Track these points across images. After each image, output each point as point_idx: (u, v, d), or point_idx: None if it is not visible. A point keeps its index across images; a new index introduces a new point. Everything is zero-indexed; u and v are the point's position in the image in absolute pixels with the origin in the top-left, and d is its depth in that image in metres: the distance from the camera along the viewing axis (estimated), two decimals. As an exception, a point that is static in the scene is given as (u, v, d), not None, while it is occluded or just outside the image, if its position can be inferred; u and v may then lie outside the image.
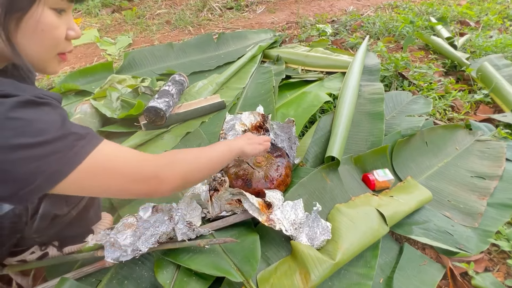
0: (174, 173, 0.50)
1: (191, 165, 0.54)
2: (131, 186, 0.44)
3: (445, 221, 0.80)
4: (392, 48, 1.70)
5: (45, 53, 0.42)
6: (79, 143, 0.39)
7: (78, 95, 1.29)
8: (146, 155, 0.48)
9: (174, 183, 0.49)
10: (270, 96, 1.18)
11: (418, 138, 1.01)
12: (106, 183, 0.42)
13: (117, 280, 0.62)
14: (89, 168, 0.40)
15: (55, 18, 0.40)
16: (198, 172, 0.55)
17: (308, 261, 0.62)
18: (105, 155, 0.42)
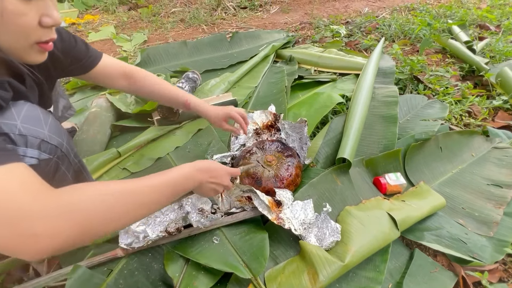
0: (60, 224, 0.34)
1: (94, 209, 0.37)
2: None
3: (459, 228, 0.78)
4: (408, 51, 1.67)
5: (16, 43, 0.40)
6: None
7: (94, 89, 1.32)
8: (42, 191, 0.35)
9: (57, 240, 0.33)
10: (282, 96, 1.18)
11: (433, 143, 0.99)
12: None
13: (128, 271, 0.63)
14: None
15: (19, 4, 0.37)
16: (105, 220, 0.38)
17: (316, 262, 0.62)
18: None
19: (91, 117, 1.01)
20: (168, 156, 0.96)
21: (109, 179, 0.87)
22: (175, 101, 0.82)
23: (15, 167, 0.35)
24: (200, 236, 0.68)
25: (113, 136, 1.06)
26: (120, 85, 0.78)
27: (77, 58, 0.67)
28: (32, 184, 0.35)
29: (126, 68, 0.77)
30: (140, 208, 0.42)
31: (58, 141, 0.52)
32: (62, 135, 0.54)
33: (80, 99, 1.26)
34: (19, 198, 0.33)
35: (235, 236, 0.69)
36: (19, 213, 0.32)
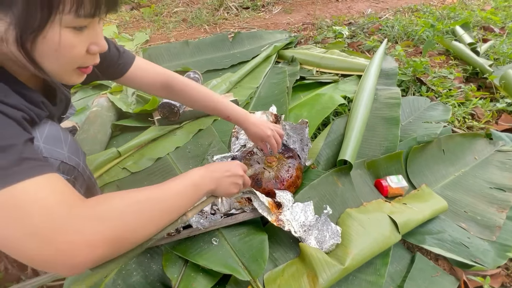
0: (98, 234, 0.34)
1: (128, 219, 0.37)
2: (29, 242, 0.31)
3: (461, 232, 0.78)
4: (411, 52, 1.66)
5: (61, 69, 0.41)
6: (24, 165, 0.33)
7: (95, 88, 1.32)
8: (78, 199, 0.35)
9: (95, 251, 0.33)
10: (283, 97, 1.17)
11: (435, 145, 0.98)
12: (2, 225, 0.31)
13: (126, 271, 0.63)
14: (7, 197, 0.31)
15: (71, 37, 0.38)
16: (139, 229, 0.38)
17: (316, 264, 0.61)
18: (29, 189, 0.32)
19: (92, 117, 1.01)
20: (168, 156, 0.96)
21: (109, 178, 0.87)
22: (217, 113, 0.77)
23: (50, 178, 0.35)
24: (199, 237, 0.68)
25: (113, 135, 1.06)
26: (157, 93, 0.75)
27: (108, 65, 0.64)
28: (66, 195, 0.35)
29: (163, 77, 0.72)
30: (167, 213, 0.43)
31: (76, 162, 0.53)
32: (79, 155, 0.55)
33: (81, 98, 1.26)
34: (56, 210, 0.33)
35: (234, 237, 0.68)
36: (55, 225, 0.32)
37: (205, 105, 0.76)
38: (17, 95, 0.40)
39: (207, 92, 0.76)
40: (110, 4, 0.39)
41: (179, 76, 0.74)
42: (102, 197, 0.38)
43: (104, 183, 0.85)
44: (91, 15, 0.37)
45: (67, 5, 0.35)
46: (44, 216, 0.32)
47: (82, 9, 0.36)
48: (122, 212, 0.37)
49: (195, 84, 0.76)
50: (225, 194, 0.57)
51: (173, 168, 0.91)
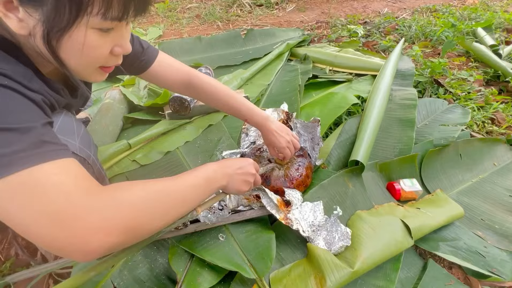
0: (113, 220, 0.34)
1: (143, 208, 0.37)
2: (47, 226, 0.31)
3: (477, 241, 0.74)
4: (428, 53, 1.60)
5: (84, 68, 0.42)
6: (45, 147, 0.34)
7: (109, 81, 1.34)
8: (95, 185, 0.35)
9: (109, 237, 0.33)
10: (295, 95, 1.15)
11: (452, 149, 0.95)
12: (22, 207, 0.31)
13: (133, 263, 0.63)
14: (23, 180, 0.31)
15: (96, 38, 0.38)
16: (153, 219, 0.38)
17: (324, 266, 0.59)
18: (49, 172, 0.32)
19: (104, 108, 1.02)
20: (178, 150, 0.96)
21: (119, 170, 0.88)
22: (235, 114, 0.75)
23: (69, 163, 0.35)
24: (206, 233, 0.68)
25: (124, 128, 1.07)
26: (178, 90, 0.75)
27: (133, 59, 0.64)
28: (85, 181, 0.35)
29: (185, 74, 0.72)
30: (181, 205, 0.43)
31: (87, 154, 0.53)
32: (91, 147, 0.55)
33: (94, 91, 1.28)
34: (74, 195, 0.33)
35: (241, 234, 0.67)
36: (72, 209, 0.32)
37: (225, 105, 0.74)
38: (40, 80, 0.41)
39: (228, 91, 0.74)
40: (139, 9, 0.39)
41: (201, 74, 0.74)
42: (119, 185, 0.38)
43: (114, 174, 0.86)
44: (118, 19, 0.38)
45: (95, 7, 0.35)
46: (62, 200, 0.32)
47: (110, 13, 0.36)
48: (139, 201, 0.37)
49: (217, 82, 0.75)
50: (235, 191, 0.57)
51: (182, 162, 0.91)
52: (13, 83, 0.35)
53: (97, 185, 0.36)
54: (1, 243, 0.72)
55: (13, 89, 0.35)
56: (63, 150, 0.36)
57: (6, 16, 0.35)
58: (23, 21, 0.35)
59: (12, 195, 0.31)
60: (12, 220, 0.31)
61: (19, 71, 0.37)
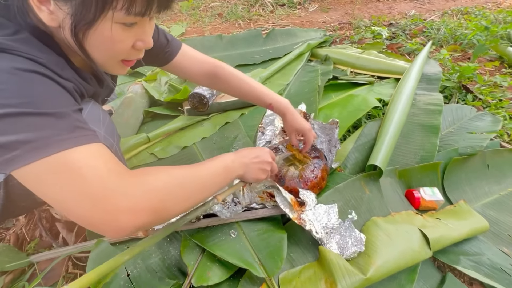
0: (142, 201, 0.36)
1: (169, 191, 0.40)
2: (82, 203, 0.34)
3: (502, 257, 0.70)
4: (457, 57, 1.53)
5: (106, 60, 0.44)
6: (78, 132, 0.36)
7: (132, 76, 1.39)
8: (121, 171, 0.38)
9: (138, 216, 0.36)
10: (314, 95, 1.14)
11: (479, 159, 0.89)
12: (60, 186, 0.34)
13: (146, 252, 0.65)
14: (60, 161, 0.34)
15: (120, 32, 0.40)
16: (177, 202, 0.41)
17: (336, 271, 0.58)
18: (83, 155, 0.35)
19: (126, 102, 1.06)
20: (194, 145, 0.97)
21: (137, 162, 0.90)
22: (259, 102, 0.76)
23: (100, 148, 0.38)
24: (218, 228, 0.68)
25: (144, 121, 1.10)
26: (201, 82, 0.75)
27: (157, 52, 0.66)
28: (115, 165, 0.38)
29: (208, 66, 0.73)
30: (202, 191, 0.46)
31: (110, 143, 0.56)
32: (114, 137, 0.58)
33: (119, 84, 1.33)
34: (107, 177, 0.35)
35: (252, 232, 0.67)
36: (105, 190, 0.35)
37: (249, 94, 0.75)
38: (71, 69, 0.44)
39: (251, 81, 0.76)
40: (161, 6, 0.40)
41: (225, 64, 0.75)
42: (145, 170, 0.41)
43: (132, 166, 0.89)
44: (141, 14, 0.39)
45: (120, 2, 0.37)
46: (97, 182, 0.34)
47: (134, 8, 0.37)
48: (166, 184, 0.40)
49: (239, 72, 0.76)
50: (253, 179, 0.58)
51: (198, 158, 0.92)
52: (48, 71, 0.37)
53: (126, 169, 0.39)
54: (27, 224, 0.77)
55: (48, 77, 0.37)
56: (94, 135, 0.38)
57: (39, 9, 0.37)
58: (53, 13, 0.37)
59: (49, 176, 0.33)
60: (49, 197, 0.34)
61: (52, 60, 0.40)
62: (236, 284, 0.60)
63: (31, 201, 0.56)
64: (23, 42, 0.37)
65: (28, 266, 0.65)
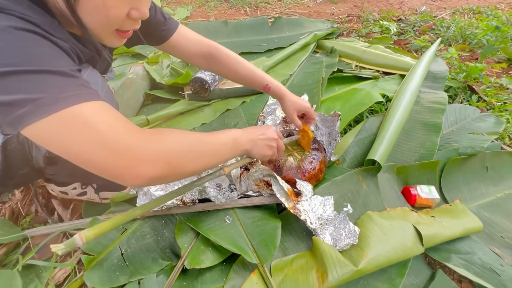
0: (159, 154, 0.39)
1: (183, 149, 0.42)
2: (100, 152, 0.35)
3: (493, 258, 0.70)
4: (465, 57, 1.50)
5: (100, 29, 0.43)
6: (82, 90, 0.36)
7: (133, 57, 1.37)
8: (135, 127, 0.40)
9: (155, 167, 0.38)
10: (317, 87, 1.12)
11: (478, 160, 0.89)
12: (75, 138, 0.34)
13: (140, 233, 0.65)
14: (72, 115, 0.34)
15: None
16: (190, 161, 0.43)
17: (328, 261, 0.59)
18: (93, 110, 0.36)
19: (127, 83, 1.04)
20: (194, 131, 0.96)
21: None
22: (255, 84, 0.77)
23: (107, 105, 0.38)
24: (213, 213, 0.68)
25: (145, 104, 1.09)
26: (197, 62, 0.75)
27: (154, 29, 0.65)
28: (128, 122, 0.39)
29: (205, 46, 0.73)
30: (212, 155, 0.48)
31: None
32: (113, 105, 0.56)
33: (119, 65, 1.31)
34: (121, 132, 0.37)
35: (247, 219, 0.68)
36: (124, 141, 0.36)
37: (245, 76, 0.76)
38: (66, 31, 0.42)
39: (247, 63, 0.76)
40: None
41: (221, 46, 0.74)
42: (161, 129, 0.43)
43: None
44: None
45: None
46: (115, 133, 0.36)
47: None
48: (179, 143, 0.42)
49: (236, 54, 0.76)
50: (259, 155, 0.59)
51: (197, 143, 0.92)
52: (42, 31, 0.36)
53: (139, 128, 0.40)
54: (23, 199, 0.77)
55: (44, 36, 0.36)
56: (98, 94, 0.38)
57: None
58: None
59: (63, 129, 0.34)
60: (65, 151, 0.35)
61: (46, 20, 0.38)
62: (228, 269, 0.61)
63: (29, 168, 0.55)
64: (17, 2, 0.36)
65: (22, 240, 0.66)
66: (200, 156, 0.45)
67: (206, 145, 0.47)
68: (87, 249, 0.60)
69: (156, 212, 0.67)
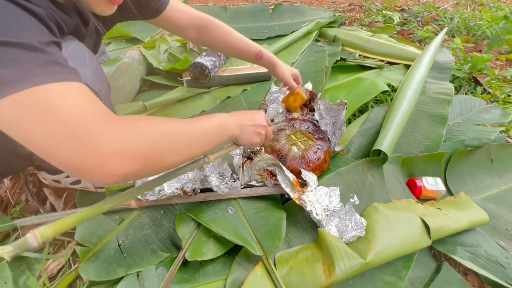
0: (131, 147, 0.33)
1: (160, 140, 0.36)
2: (62, 143, 0.29)
3: (498, 250, 0.69)
4: (469, 49, 1.48)
5: None
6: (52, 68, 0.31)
7: (129, 41, 1.30)
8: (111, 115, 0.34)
9: (128, 163, 0.32)
10: (320, 76, 1.09)
11: (483, 152, 0.88)
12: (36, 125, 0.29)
13: (139, 223, 0.62)
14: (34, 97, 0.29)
15: None
16: (168, 153, 0.37)
17: (335, 253, 0.57)
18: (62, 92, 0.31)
19: (122, 67, 0.99)
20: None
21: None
22: (247, 52, 0.77)
23: (81, 87, 0.33)
24: (215, 203, 0.66)
25: (141, 90, 1.04)
26: (189, 35, 0.74)
27: (146, 2, 0.62)
28: (100, 108, 0.33)
29: (197, 19, 0.72)
30: (195, 144, 0.42)
31: (98, 87, 0.50)
32: (103, 83, 0.53)
33: (114, 49, 1.25)
34: (89, 118, 0.31)
35: (251, 210, 0.65)
36: (90, 132, 0.31)
37: (237, 46, 0.76)
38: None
39: (239, 34, 0.77)
40: None
41: (215, 18, 0.74)
42: (137, 116, 0.38)
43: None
44: None
45: None
46: (80, 122, 0.30)
47: None
48: (158, 132, 0.36)
49: (229, 27, 0.76)
50: (247, 142, 0.56)
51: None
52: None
53: (113, 115, 0.34)
54: (12, 188, 0.73)
55: (12, 1, 0.31)
56: (74, 73, 0.33)
57: None
58: None
59: (23, 114, 0.29)
60: (26, 139, 0.30)
61: None
62: (231, 261, 0.59)
63: (15, 156, 0.51)
64: None
65: (12, 230, 0.62)
66: (181, 146, 0.39)
67: (189, 133, 0.41)
68: (81, 240, 0.57)
69: (155, 202, 0.64)
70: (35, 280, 0.53)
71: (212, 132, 0.46)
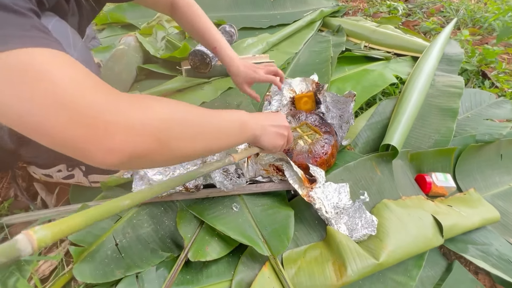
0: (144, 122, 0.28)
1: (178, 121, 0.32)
2: (55, 112, 0.24)
3: (510, 248, 0.68)
4: (476, 41, 1.44)
5: None
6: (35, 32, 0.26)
7: (124, 28, 1.24)
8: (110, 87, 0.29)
9: (139, 138, 0.27)
10: (325, 67, 1.04)
11: (493, 148, 0.85)
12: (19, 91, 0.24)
13: (137, 221, 0.58)
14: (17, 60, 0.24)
15: None
16: (187, 138, 0.33)
17: (346, 253, 0.54)
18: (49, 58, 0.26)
19: (118, 54, 0.93)
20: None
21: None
22: (206, 42, 0.74)
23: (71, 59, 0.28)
24: (218, 200, 0.62)
25: (138, 79, 0.99)
26: (164, 11, 0.72)
27: None
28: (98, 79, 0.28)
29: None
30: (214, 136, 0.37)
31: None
32: (91, 67, 0.47)
33: (108, 36, 1.18)
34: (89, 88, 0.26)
35: (256, 207, 0.62)
36: (92, 101, 0.26)
37: (198, 31, 0.72)
38: None
39: (206, 20, 0.72)
40: None
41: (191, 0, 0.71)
42: (149, 95, 0.33)
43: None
44: None
45: None
46: (77, 87, 0.25)
47: None
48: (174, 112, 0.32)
49: (200, 9, 0.72)
50: (269, 144, 0.50)
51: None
52: None
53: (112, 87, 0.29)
54: (0, 182, 0.68)
55: None
56: (59, 45, 0.28)
57: None
58: None
59: (5, 77, 0.24)
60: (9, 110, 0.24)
61: None
62: (235, 261, 0.56)
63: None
64: None
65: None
66: (200, 133, 0.35)
67: (208, 123, 0.36)
68: (75, 239, 0.53)
69: (154, 199, 0.60)
70: (25, 282, 0.49)
71: (233, 128, 0.41)
